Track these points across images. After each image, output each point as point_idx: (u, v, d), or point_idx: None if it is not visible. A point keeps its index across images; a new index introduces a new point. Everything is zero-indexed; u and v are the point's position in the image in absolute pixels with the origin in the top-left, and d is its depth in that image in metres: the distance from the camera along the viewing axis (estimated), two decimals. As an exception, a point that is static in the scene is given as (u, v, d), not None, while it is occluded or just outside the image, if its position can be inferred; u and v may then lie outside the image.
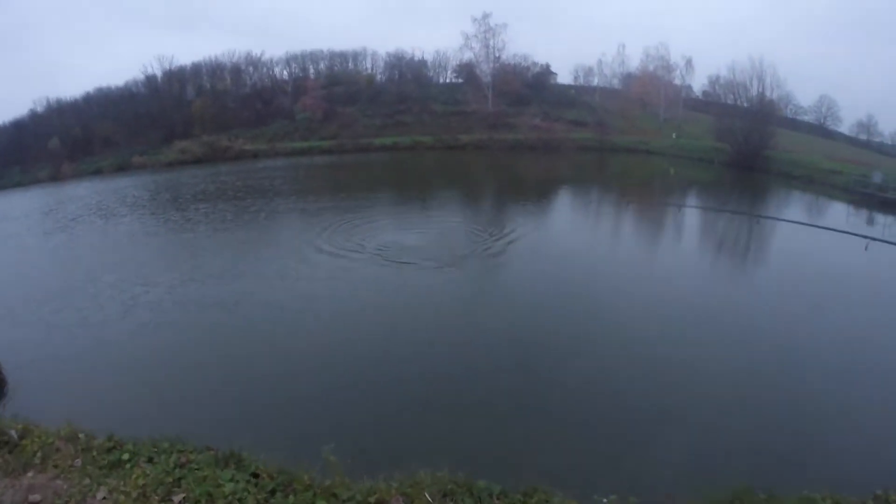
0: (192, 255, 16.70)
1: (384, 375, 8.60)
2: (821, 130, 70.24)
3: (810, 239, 17.14)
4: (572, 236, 19.42)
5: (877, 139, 71.68)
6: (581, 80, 68.66)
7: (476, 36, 57.59)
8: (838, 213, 25.87)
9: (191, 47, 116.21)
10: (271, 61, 64.11)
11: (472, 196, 28.57)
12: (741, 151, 38.69)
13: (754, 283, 14.18)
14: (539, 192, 28.68)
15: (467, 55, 59.82)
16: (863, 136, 72.85)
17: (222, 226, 21.25)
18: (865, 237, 11.27)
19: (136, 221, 23.38)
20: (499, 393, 8.06)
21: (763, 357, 9.14)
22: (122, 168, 49.09)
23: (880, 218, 23.87)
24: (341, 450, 4.43)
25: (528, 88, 59.09)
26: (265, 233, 20.33)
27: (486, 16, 56.88)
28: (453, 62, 63.93)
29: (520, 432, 7.10)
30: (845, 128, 74.27)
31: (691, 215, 21.48)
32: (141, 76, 61.59)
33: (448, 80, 64.86)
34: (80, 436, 4.78)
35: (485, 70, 58.54)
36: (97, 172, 49.51)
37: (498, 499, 4.17)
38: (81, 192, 35.05)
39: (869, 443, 6.67)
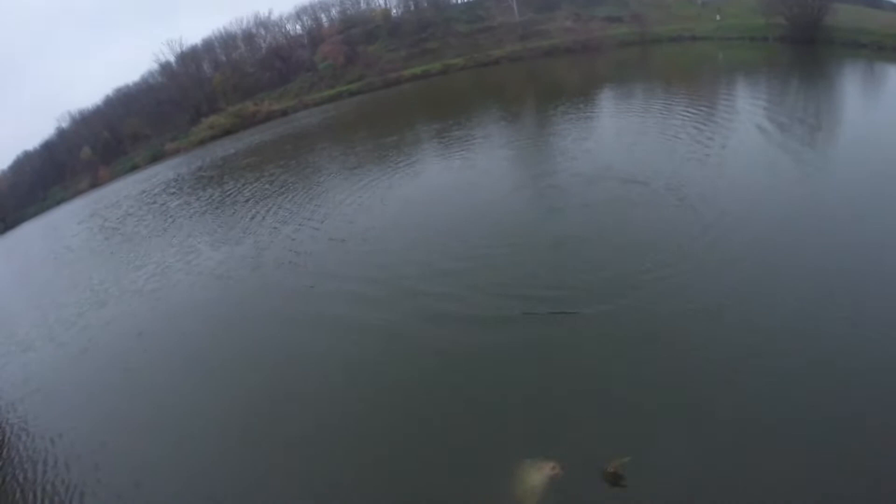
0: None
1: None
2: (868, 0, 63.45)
3: None
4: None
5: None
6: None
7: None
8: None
9: (198, 28, 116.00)
10: (281, 18, 62.12)
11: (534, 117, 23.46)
12: (798, 23, 34.23)
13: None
14: (589, 96, 24.02)
15: (485, -33, 55.46)
16: (916, 6, 64.76)
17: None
18: None
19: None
20: None
21: None
22: (156, 158, 48.83)
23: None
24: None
25: (553, -8, 54.41)
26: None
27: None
28: (470, -22, 59.42)
29: None
30: (895, -2, 66.49)
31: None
32: (155, 66, 61.02)
33: (467, -1, 60.54)
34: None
35: (505, -21, 54.16)
36: (134, 168, 49.47)
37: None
38: (114, 198, 33.85)
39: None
